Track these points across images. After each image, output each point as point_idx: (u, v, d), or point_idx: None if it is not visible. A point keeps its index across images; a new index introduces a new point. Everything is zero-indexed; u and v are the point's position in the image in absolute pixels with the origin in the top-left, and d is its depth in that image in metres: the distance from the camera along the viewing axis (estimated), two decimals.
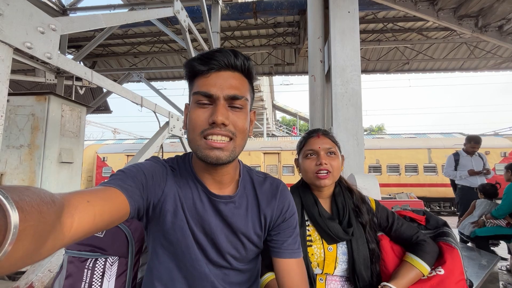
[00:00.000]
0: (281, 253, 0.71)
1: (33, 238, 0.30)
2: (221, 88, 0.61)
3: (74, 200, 0.40)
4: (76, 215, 0.38)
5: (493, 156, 9.46)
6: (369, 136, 15.32)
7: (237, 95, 0.62)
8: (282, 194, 0.75)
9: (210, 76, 0.62)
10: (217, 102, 0.61)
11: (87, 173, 11.59)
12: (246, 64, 0.65)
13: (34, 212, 0.29)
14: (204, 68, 0.62)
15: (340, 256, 0.89)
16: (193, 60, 0.64)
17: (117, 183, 0.53)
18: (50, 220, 0.32)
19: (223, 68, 0.62)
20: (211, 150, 0.60)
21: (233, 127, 0.61)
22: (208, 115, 0.60)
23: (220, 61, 0.61)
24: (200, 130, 0.60)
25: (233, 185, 0.72)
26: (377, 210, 0.97)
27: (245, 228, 0.69)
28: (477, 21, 3.83)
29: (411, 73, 7.33)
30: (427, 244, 0.90)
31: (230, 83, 0.62)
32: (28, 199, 0.30)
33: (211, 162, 0.61)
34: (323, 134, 0.99)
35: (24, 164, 2.14)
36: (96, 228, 0.43)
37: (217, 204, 0.68)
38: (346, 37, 2.34)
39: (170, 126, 2.49)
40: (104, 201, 0.46)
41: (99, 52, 6.52)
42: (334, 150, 0.95)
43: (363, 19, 5.40)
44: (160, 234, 0.66)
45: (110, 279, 0.79)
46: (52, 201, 0.34)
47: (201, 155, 0.61)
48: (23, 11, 1.07)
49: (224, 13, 4.86)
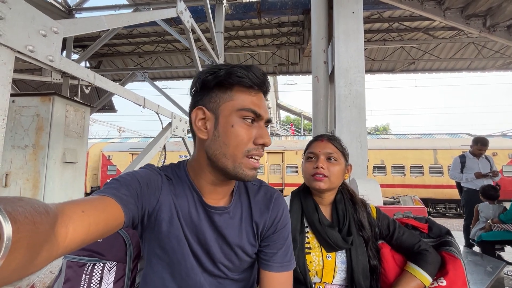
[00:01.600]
0: (269, 266, 0.69)
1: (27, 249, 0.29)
2: (265, 111, 0.64)
3: (68, 210, 0.39)
4: (70, 225, 0.38)
5: (500, 157, 9.30)
6: (374, 136, 15.19)
7: (270, 118, 0.67)
8: (276, 204, 0.73)
9: (257, 96, 0.63)
10: (261, 124, 0.63)
11: (93, 171, 11.72)
12: (269, 89, 0.67)
13: (27, 223, 0.29)
14: (249, 83, 0.61)
15: (339, 265, 0.88)
16: (237, 69, 0.60)
17: (111, 192, 0.52)
18: (44, 231, 0.32)
19: (260, 90, 0.64)
20: (250, 170, 0.62)
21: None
22: (253, 134, 0.61)
23: (262, 83, 0.63)
24: (245, 148, 0.61)
25: (228, 196, 0.72)
26: (378, 218, 0.95)
27: (239, 239, 0.68)
28: (485, 21, 3.75)
29: (417, 73, 7.24)
30: (429, 254, 0.88)
31: (265, 105, 0.65)
32: (21, 210, 0.29)
33: (247, 180, 0.63)
34: (328, 139, 0.98)
35: (29, 164, 2.17)
36: (91, 238, 0.43)
37: (212, 215, 0.67)
38: (350, 38, 2.31)
39: (172, 127, 2.49)
40: (98, 210, 0.45)
41: (105, 51, 6.58)
42: (336, 156, 0.94)
43: (369, 19, 5.34)
44: (155, 243, 0.65)
45: (108, 284, 0.79)
46: (46, 211, 0.33)
47: (240, 172, 0.61)
48: (25, 14, 1.07)
49: (228, 12, 4.85)
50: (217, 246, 0.67)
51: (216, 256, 0.67)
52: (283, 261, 0.70)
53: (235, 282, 0.71)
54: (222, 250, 0.68)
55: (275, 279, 0.68)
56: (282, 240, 0.72)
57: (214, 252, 0.67)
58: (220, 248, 0.67)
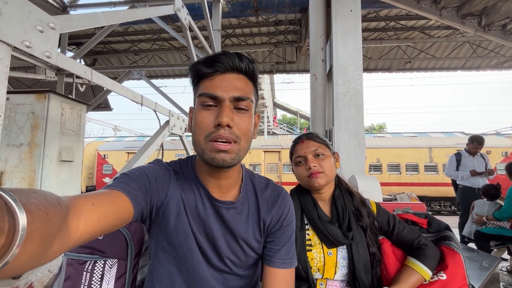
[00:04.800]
0: (272, 261, 0.70)
1: (40, 240, 0.30)
2: (226, 90, 0.61)
3: (79, 203, 0.40)
4: (81, 218, 0.39)
5: (494, 155, 9.45)
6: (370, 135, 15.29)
7: (242, 96, 0.62)
8: (283, 201, 0.74)
9: (215, 78, 0.62)
10: (222, 104, 0.60)
11: (88, 170, 11.61)
12: (250, 66, 0.65)
13: (41, 215, 0.30)
14: (209, 70, 0.62)
15: (340, 261, 0.88)
16: (198, 63, 0.63)
17: (121, 186, 0.53)
18: (57, 223, 0.33)
19: (228, 71, 0.63)
20: (217, 152, 0.59)
21: (237, 130, 0.61)
22: (213, 117, 0.60)
23: (225, 63, 0.62)
24: (206, 133, 0.60)
25: (235, 190, 0.72)
26: (378, 213, 0.96)
27: (246, 234, 0.69)
28: (481, 20, 3.80)
29: (413, 72, 7.30)
30: (429, 249, 0.89)
31: (235, 84, 0.62)
32: (35, 202, 0.30)
33: (217, 165, 0.60)
34: (307, 138, 0.99)
35: (24, 163, 2.14)
36: (101, 230, 0.44)
37: (219, 209, 0.68)
38: (348, 36, 2.31)
39: (170, 125, 2.48)
40: (108, 204, 0.47)
41: (100, 49, 6.51)
42: (321, 151, 0.95)
43: (365, 17, 5.36)
44: (162, 237, 0.66)
45: (109, 282, 0.79)
46: (58, 203, 0.34)
47: (207, 157, 0.60)
48: (22, 10, 1.05)
49: (225, 10, 4.83)
50: (224, 240, 0.68)
51: (222, 251, 0.67)
52: (286, 258, 0.71)
53: (240, 278, 0.72)
54: (229, 245, 0.68)
55: (277, 275, 0.69)
56: (286, 237, 0.73)
57: (221, 246, 0.67)
58: (226, 243, 0.68)
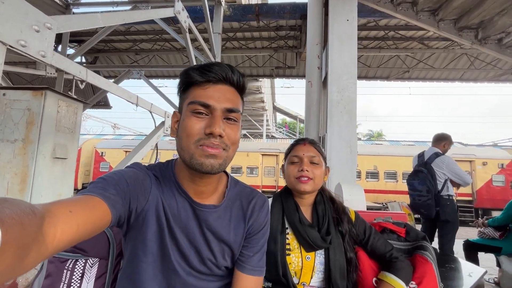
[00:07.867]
0: (243, 267, 0.72)
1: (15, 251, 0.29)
2: (219, 101, 0.63)
3: (55, 210, 0.39)
4: (59, 226, 0.38)
5: (490, 167, 9.49)
6: (368, 142, 15.34)
7: (233, 108, 0.64)
8: (266, 210, 0.78)
9: (208, 88, 0.64)
10: (214, 114, 0.62)
11: (85, 167, 11.57)
12: (241, 80, 0.67)
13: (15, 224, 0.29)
14: (202, 79, 0.64)
15: (318, 266, 0.90)
16: (191, 70, 0.65)
17: (98, 192, 0.52)
18: (32, 232, 0.32)
19: (220, 81, 0.65)
20: (206, 158, 0.61)
21: (227, 140, 0.63)
22: (203, 125, 0.62)
23: (219, 74, 0.64)
24: (195, 138, 0.61)
25: (217, 195, 0.73)
26: (356, 221, 0.99)
27: (228, 236, 0.70)
28: (477, 33, 3.85)
29: (411, 81, 7.35)
30: (400, 262, 0.91)
31: (227, 96, 0.64)
32: (8, 211, 0.29)
33: (205, 171, 0.61)
34: (310, 143, 1.02)
35: (18, 159, 2.15)
36: (79, 237, 0.43)
37: (200, 213, 0.69)
38: (344, 45, 2.35)
39: (165, 126, 2.50)
40: (86, 210, 0.45)
41: (101, 47, 6.53)
42: (318, 160, 0.97)
43: (365, 26, 5.42)
44: (141, 242, 0.65)
45: (89, 281, 0.80)
46: (32, 212, 0.33)
47: (195, 162, 0.61)
48: (19, 10, 1.08)
49: (227, 14, 4.87)
50: (205, 244, 0.69)
51: (203, 254, 0.68)
52: (256, 265, 0.73)
53: (220, 279, 0.73)
54: (210, 248, 0.69)
55: (246, 281, 0.71)
56: (260, 245, 0.75)
57: (202, 249, 0.68)
58: (207, 246, 0.69)
